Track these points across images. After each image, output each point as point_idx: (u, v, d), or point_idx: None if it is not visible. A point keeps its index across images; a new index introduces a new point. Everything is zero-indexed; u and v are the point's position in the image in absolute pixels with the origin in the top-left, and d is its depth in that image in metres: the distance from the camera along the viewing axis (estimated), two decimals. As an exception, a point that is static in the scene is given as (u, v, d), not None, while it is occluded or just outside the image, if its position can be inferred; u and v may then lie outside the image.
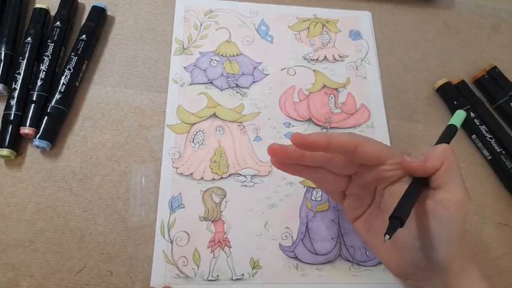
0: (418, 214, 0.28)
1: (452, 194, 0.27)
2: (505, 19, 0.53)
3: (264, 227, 0.38)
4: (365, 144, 0.28)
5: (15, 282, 0.34)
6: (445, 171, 0.27)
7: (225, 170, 0.40)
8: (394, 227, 0.25)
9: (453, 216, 0.27)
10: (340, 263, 0.38)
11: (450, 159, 0.28)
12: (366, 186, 0.32)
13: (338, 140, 0.28)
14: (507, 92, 0.46)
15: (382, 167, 0.29)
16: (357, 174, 0.32)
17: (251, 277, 0.36)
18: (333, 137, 0.28)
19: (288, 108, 0.44)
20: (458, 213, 0.27)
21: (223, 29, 0.47)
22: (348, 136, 0.29)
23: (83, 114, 0.41)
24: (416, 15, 0.52)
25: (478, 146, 0.44)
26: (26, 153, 0.39)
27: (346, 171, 0.32)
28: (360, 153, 0.28)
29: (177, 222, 0.37)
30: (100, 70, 0.43)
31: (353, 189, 0.33)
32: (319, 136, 0.28)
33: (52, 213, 0.37)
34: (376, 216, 0.32)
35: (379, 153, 0.29)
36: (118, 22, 0.46)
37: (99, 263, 0.35)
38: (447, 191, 0.27)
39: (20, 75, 0.39)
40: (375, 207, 0.32)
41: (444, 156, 0.28)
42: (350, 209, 0.34)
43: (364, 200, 0.33)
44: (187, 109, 0.42)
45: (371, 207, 0.33)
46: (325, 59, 0.47)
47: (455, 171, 0.28)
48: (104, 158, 0.39)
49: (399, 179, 0.29)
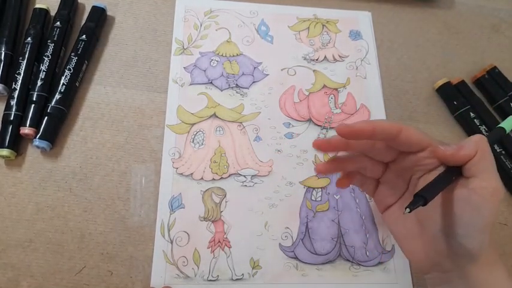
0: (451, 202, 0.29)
1: (488, 182, 0.27)
2: (505, 19, 0.53)
3: (264, 227, 0.38)
4: (408, 130, 0.29)
5: (15, 282, 0.34)
6: (479, 160, 0.28)
7: (225, 170, 0.40)
8: (416, 203, 0.26)
9: (488, 203, 0.27)
10: (340, 263, 0.38)
11: (484, 149, 0.28)
12: (401, 174, 0.32)
13: (382, 127, 0.29)
14: (507, 92, 0.46)
15: (421, 154, 0.30)
16: (395, 161, 0.32)
17: (251, 277, 0.36)
18: (377, 123, 0.29)
19: (288, 109, 0.44)
20: (493, 200, 0.27)
21: (223, 29, 0.47)
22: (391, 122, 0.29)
23: (83, 115, 0.41)
24: (416, 15, 0.52)
25: (478, 146, 0.44)
26: (26, 153, 0.39)
27: (386, 157, 0.32)
28: (403, 137, 0.29)
29: (177, 222, 0.37)
30: (100, 70, 0.43)
31: (389, 176, 0.33)
32: (364, 124, 0.29)
33: (52, 213, 0.37)
34: None
35: (421, 139, 0.29)
36: (118, 22, 0.46)
37: (99, 263, 0.35)
38: (482, 179, 0.27)
39: (20, 75, 0.39)
40: (408, 196, 0.33)
41: (478, 145, 0.28)
42: (383, 197, 0.34)
43: (398, 188, 0.33)
44: (187, 109, 0.42)
45: (404, 197, 0.33)
46: (325, 59, 0.47)
47: (490, 160, 0.28)
48: (104, 158, 0.39)
49: (435, 167, 0.30)
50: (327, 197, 0.40)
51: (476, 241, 0.28)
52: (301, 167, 0.41)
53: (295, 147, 0.42)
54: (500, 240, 0.41)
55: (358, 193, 0.41)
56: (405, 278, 0.38)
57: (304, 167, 0.41)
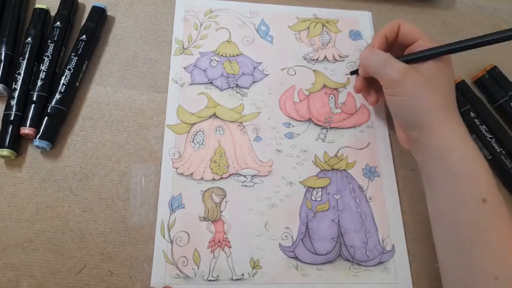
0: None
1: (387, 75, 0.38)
2: (506, 19, 0.53)
3: (264, 227, 0.38)
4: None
5: (15, 282, 0.34)
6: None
7: (225, 170, 0.40)
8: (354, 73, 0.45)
9: (391, 96, 0.38)
10: (340, 263, 0.38)
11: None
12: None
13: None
14: (507, 92, 0.46)
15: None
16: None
17: (251, 277, 0.36)
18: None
19: (288, 108, 0.44)
20: (396, 87, 0.37)
21: (223, 29, 0.47)
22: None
23: (83, 115, 0.41)
24: (416, 15, 0.52)
25: (478, 146, 0.44)
26: (26, 153, 0.39)
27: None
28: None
29: (177, 222, 0.37)
30: (100, 70, 0.43)
31: None
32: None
33: (52, 213, 0.37)
34: None
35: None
36: (118, 22, 0.46)
37: (99, 263, 0.35)
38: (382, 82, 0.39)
39: (20, 75, 0.39)
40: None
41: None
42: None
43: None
44: (187, 109, 0.42)
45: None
46: (325, 59, 0.47)
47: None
48: (104, 158, 0.39)
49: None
50: (327, 197, 0.40)
51: (412, 120, 0.36)
52: (301, 167, 0.41)
53: (295, 147, 0.42)
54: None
55: (358, 193, 0.41)
56: (405, 278, 0.38)
57: (304, 167, 0.41)
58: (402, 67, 0.36)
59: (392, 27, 0.40)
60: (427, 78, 0.35)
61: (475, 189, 0.32)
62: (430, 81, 0.35)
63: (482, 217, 0.31)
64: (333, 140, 0.43)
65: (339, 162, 0.42)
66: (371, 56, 0.39)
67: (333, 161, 0.42)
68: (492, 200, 0.31)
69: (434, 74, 0.36)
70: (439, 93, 0.35)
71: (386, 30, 0.40)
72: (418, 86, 0.35)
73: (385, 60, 0.37)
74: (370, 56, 0.39)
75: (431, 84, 0.35)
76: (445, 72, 0.36)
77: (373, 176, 0.42)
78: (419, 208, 0.40)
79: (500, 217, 0.31)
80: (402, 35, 0.40)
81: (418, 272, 0.38)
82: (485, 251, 0.30)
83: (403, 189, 0.41)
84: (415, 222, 0.40)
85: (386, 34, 0.40)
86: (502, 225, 0.31)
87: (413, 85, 0.35)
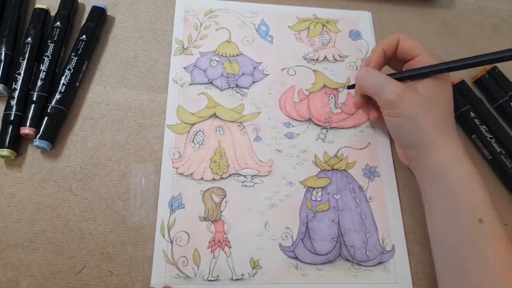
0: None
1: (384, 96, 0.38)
2: (505, 19, 0.53)
3: (264, 227, 0.38)
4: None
5: (15, 282, 0.34)
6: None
7: (225, 170, 0.40)
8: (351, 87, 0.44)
9: (391, 119, 0.38)
10: (340, 263, 0.38)
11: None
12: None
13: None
14: (507, 92, 0.46)
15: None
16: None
17: (251, 277, 0.36)
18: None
19: (288, 108, 0.44)
20: (394, 111, 0.37)
21: (223, 29, 0.47)
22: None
23: (83, 114, 0.41)
24: (416, 15, 0.52)
25: (478, 146, 0.44)
26: (26, 153, 0.39)
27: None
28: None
29: (177, 222, 0.37)
30: (100, 70, 0.43)
31: None
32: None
33: (52, 213, 0.37)
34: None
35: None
36: (118, 22, 0.46)
37: (99, 263, 0.35)
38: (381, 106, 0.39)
39: (20, 75, 0.39)
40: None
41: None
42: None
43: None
44: (187, 109, 0.42)
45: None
46: (325, 59, 0.47)
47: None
48: (104, 158, 0.39)
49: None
50: (327, 197, 0.40)
51: (410, 141, 0.37)
52: (301, 167, 0.41)
53: (295, 147, 0.42)
54: (500, 240, 0.41)
55: (358, 193, 0.41)
56: (405, 278, 0.38)
57: (304, 167, 0.41)
58: (398, 88, 0.36)
59: (391, 41, 0.39)
60: (424, 98, 0.35)
61: (471, 209, 0.32)
62: (428, 101, 0.35)
63: (479, 237, 0.31)
64: (333, 140, 0.43)
65: (339, 162, 0.42)
66: (367, 77, 0.39)
67: (333, 161, 0.42)
68: (489, 221, 0.31)
69: (431, 93, 0.35)
70: (436, 113, 0.35)
71: (385, 45, 0.39)
72: (415, 107, 0.35)
73: (381, 81, 0.37)
74: (366, 77, 0.39)
75: (428, 104, 0.35)
76: (443, 90, 0.36)
77: (373, 176, 0.42)
78: (419, 208, 0.40)
79: (497, 237, 0.31)
80: (401, 50, 0.39)
81: (418, 272, 0.38)
82: (481, 271, 0.30)
83: (403, 189, 0.41)
84: (415, 222, 0.40)
85: (384, 49, 0.39)
86: (499, 245, 0.31)
87: (410, 106, 0.35)
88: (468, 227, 0.32)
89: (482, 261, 0.30)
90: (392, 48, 0.39)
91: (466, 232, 0.32)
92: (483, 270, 0.30)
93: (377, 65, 0.40)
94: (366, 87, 0.39)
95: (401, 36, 0.39)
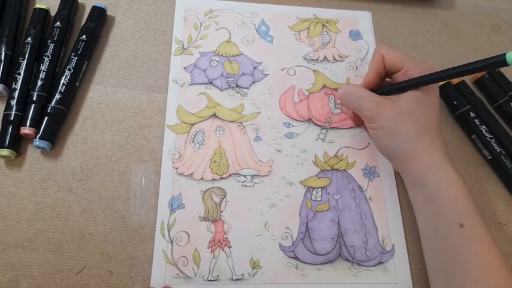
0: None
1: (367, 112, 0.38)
2: (505, 19, 0.53)
3: (264, 227, 0.38)
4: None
5: (15, 282, 0.34)
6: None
7: (225, 170, 0.40)
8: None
9: (374, 135, 0.38)
10: (340, 263, 0.38)
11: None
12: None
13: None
14: (507, 92, 0.46)
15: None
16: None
17: (251, 277, 0.36)
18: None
19: (288, 108, 0.44)
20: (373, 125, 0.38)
21: (223, 29, 0.47)
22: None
23: (83, 115, 0.41)
24: (416, 15, 0.52)
25: (478, 146, 0.44)
26: (26, 153, 0.39)
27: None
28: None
29: (177, 222, 0.37)
30: (100, 70, 0.43)
31: None
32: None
33: (52, 213, 0.37)
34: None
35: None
36: (118, 22, 0.46)
37: (99, 263, 0.35)
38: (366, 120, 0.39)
39: (20, 75, 0.39)
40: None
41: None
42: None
43: None
44: (187, 109, 0.42)
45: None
46: (325, 59, 0.47)
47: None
48: (104, 158, 0.39)
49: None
50: (327, 197, 0.40)
51: (390, 150, 0.37)
52: (301, 167, 0.41)
53: (295, 147, 0.42)
54: (500, 240, 0.41)
55: (358, 193, 0.41)
56: (405, 278, 0.38)
57: (304, 167, 0.41)
58: (374, 103, 0.36)
59: (377, 59, 0.38)
60: (402, 110, 0.35)
61: (451, 214, 0.33)
62: (406, 113, 0.35)
63: (460, 241, 0.32)
64: (332, 140, 0.43)
65: (338, 162, 0.42)
66: (346, 94, 0.39)
67: (332, 161, 0.42)
68: (470, 224, 0.32)
69: (410, 105, 0.36)
70: (412, 126, 0.35)
71: (374, 67, 0.39)
72: (392, 120, 0.35)
73: (358, 96, 0.37)
74: (345, 94, 0.39)
75: (406, 117, 0.35)
76: (423, 102, 0.36)
77: (373, 176, 0.42)
78: (419, 208, 0.40)
79: (479, 240, 0.32)
80: (387, 64, 0.38)
81: (418, 272, 0.38)
82: (464, 274, 0.31)
83: (403, 189, 0.41)
84: (415, 222, 0.40)
85: (376, 71, 0.39)
86: (482, 249, 0.32)
87: (387, 119, 0.36)
88: (450, 232, 0.33)
89: (464, 264, 0.31)
90: (382, 65, 0.39)
91: (448, 237, 0.33)
92: (465, 272, 0.31)
93: (370, 85, 0.39)
94: (346, 104, 0.40)
95: (383, 49, 0.38)
